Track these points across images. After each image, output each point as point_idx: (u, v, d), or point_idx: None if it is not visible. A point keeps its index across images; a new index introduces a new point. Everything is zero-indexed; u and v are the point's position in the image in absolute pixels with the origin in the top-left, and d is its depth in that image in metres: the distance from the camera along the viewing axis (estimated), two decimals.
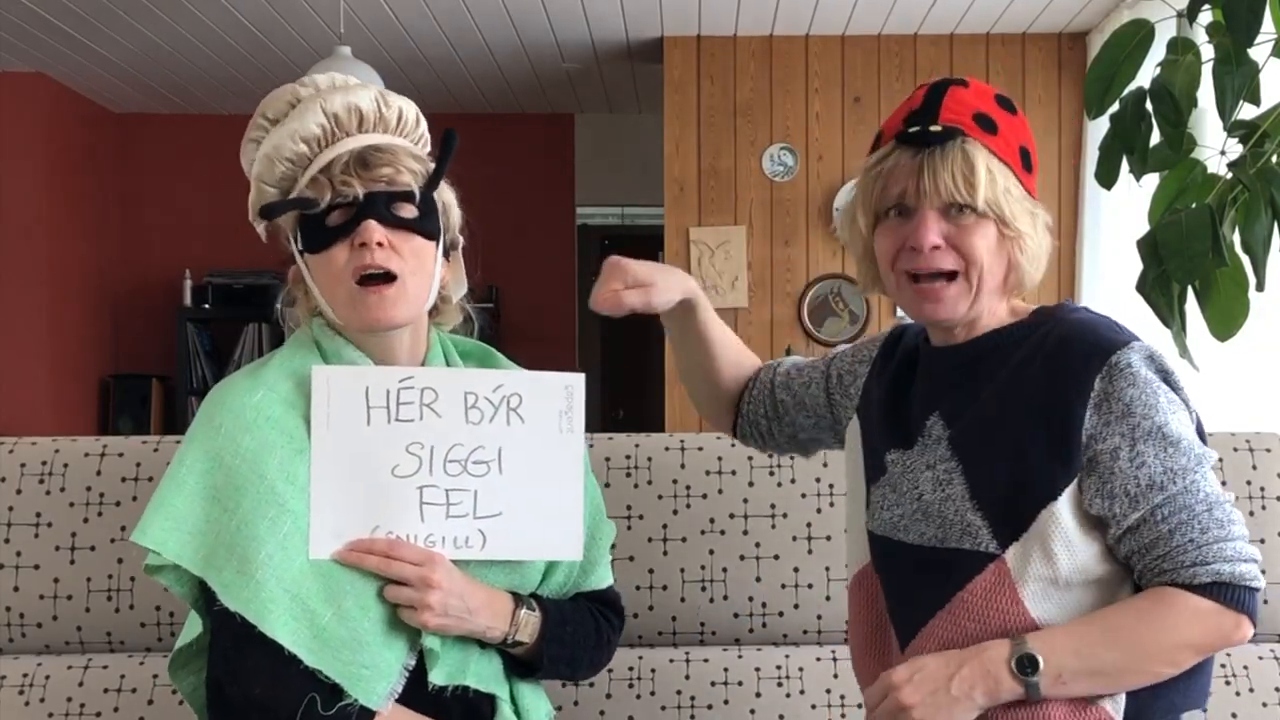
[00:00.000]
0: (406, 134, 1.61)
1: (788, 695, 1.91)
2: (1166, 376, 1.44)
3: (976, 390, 1.49)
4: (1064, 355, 1.43)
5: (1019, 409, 1.44)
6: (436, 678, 1.48)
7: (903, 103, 1.54)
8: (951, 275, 1.48)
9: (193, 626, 1.51)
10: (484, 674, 1.53)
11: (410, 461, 1.50)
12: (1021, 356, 1.47)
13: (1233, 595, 1.37)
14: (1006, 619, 1.41)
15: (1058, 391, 1.41)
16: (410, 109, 1.62)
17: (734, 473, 2.00)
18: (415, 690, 1.48)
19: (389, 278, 1.49)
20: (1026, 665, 1.37)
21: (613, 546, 1.73)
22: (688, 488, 1.99)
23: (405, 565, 1.46)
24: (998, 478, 1.43)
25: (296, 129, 1.51)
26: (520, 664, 1.58)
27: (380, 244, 1.47)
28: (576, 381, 1.56)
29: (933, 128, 1.47)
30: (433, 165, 1.56)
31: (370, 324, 1.50)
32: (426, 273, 1.53)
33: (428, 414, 1.51)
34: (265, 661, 1.41)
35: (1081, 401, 1.40)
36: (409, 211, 1.51)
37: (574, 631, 1.60)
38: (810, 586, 1.97)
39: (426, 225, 1.52)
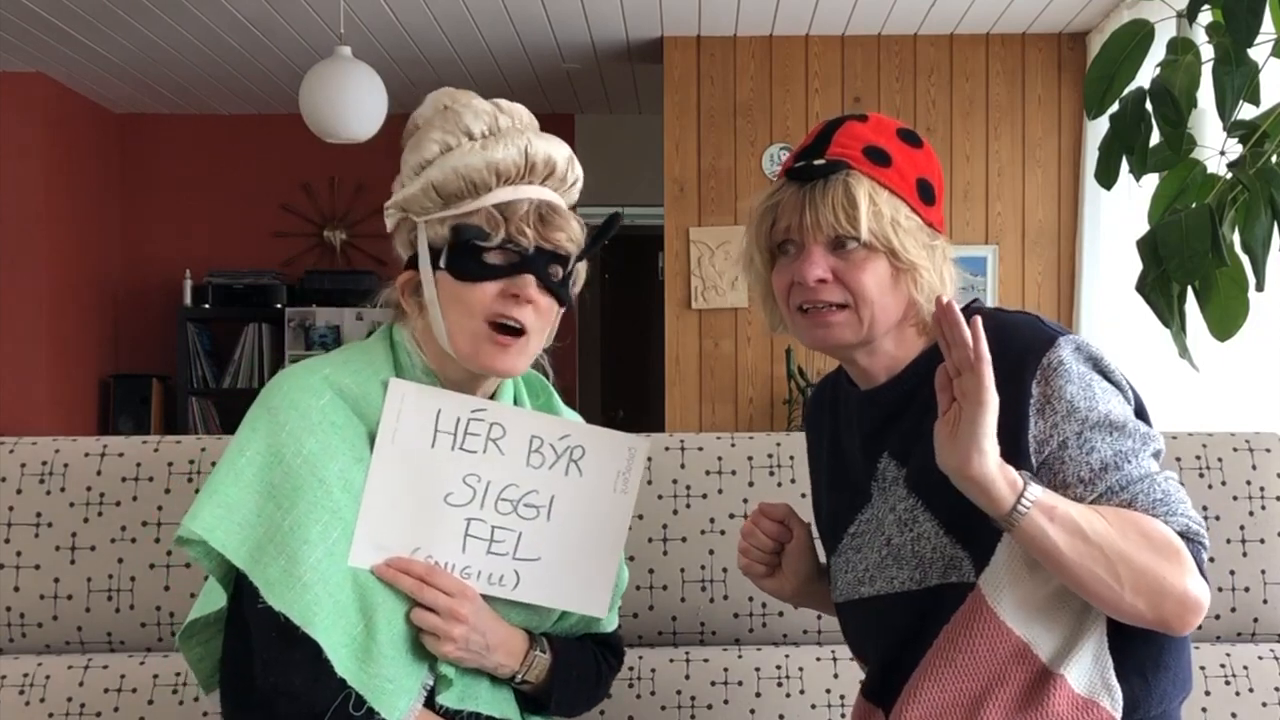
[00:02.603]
0: (569, 192, 1.64)
1: (788, 695, 1.91)
2: (1098, 363, 1.44)
3: (918, 422, 1.46)
4: (997, 364, 1.35)
5: None
6: (447, 700, 1.50)
7: (800, 142, 1.55)
8: (842, 305, 1.47)
9: (211, 599, 1.51)
10: (495, 700, 1.56)
11: (465, 492, 1.52)
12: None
13: (1195, 550, 1.36)
14: (994, 645, 1.40)
15: (1000, 402, 1.35)
16: (581, 175, 1.65)
17: (734, 473, 2.00)
18: (430, 707, 1.51)
19: (520, 332, 1.50)
20: (1027, 480, 1.33)
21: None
22: (688, 488, 1.99)
23: (438, 594, 1.48)
24: (959, 503, 1.38)
25: (495, 160, 1.49)
26: (526, 696, 1.61)
27: (530, 301, 1.49)
28: (640, 444, 1.59)
29: (816, 161, 1.47)
30: (584, 234, 1.59)
31: (487, 369, 1.51)
32: (546, 331, 1.56)
33: (491, 449, 1.53)
34: (307, 656, 1.42)
35: (1024, 408, 1.38)
36: (558, 275, 1.54)
37: (579, 676, 1.63)
38: None
39: (565, 291, 1.55)
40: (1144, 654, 1.43)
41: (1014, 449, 1.38)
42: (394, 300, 1.58)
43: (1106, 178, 1.91)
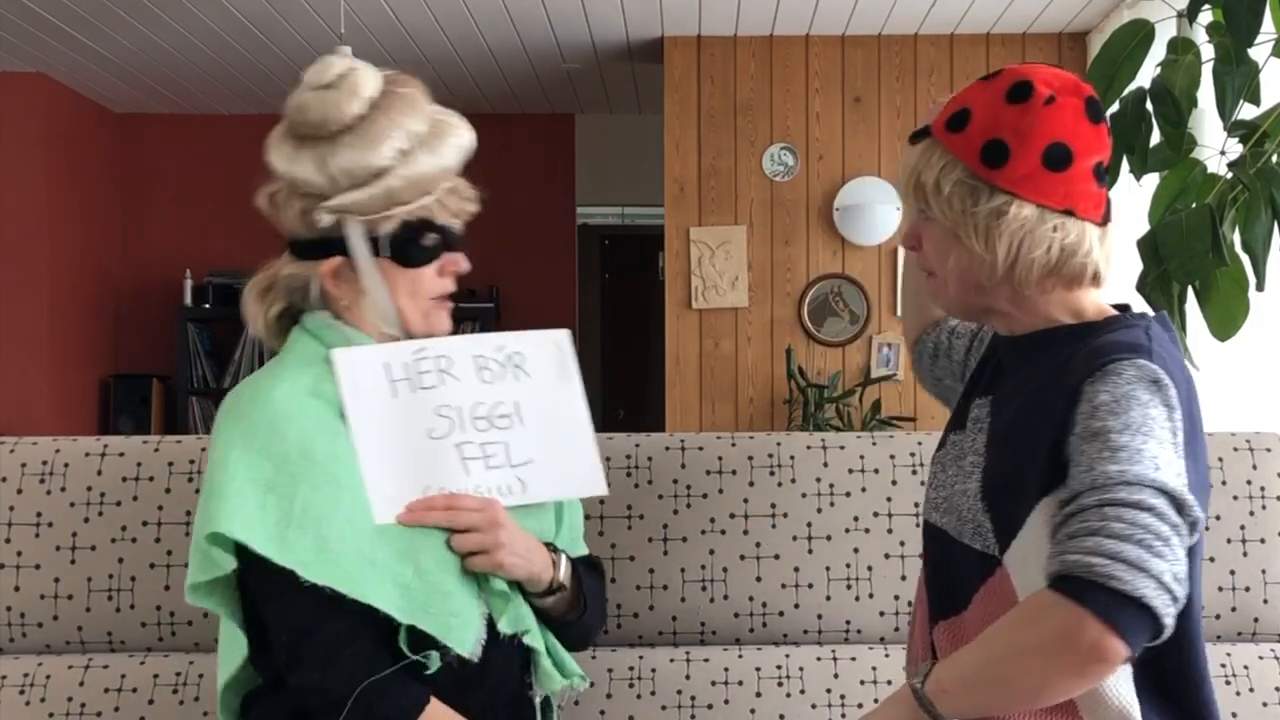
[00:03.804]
0: None
1: (788, 695, 1.91)
2: (1166, 403, 1.33)
3: (1021, 385, 1.47)
4: (1081, 363, 1.38)
5: (1035, 412, 1.42)
6: (504, 626, 1.54)
7: None
8: (931, 272, 1.53)
9: (233, 651, 1.52)
10: (533, 625, 1.59)
11: (443, 424, 1.58)
12: (1061, 361, 1.43)
13: (1072, 587, 1.22)
14: None
15: (1059, 396, 1.38)
16: None
17: (734, 473, 2.00)
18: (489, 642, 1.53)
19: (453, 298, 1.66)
20: (921, 672, 1.37)
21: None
22: (688, 488, 1.99)
23: (470, 513, 1.53)
24: (1005, 478, 1.42)
25: (446, 166, 1.60)
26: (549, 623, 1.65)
27: (460, 270, 1.64)
28: (563, 336, 1.68)
29: (919, 129, 1.52)
30: None
31: (433, 334, 1.63)
32: None
33: (447, 379, 1.60)
34: (327, 642, 1.46)
35: (1072, 406, 1.36)
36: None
37: (591, 585, 1.68)
38: (810, 586, 1.97)
39: None
40: (1170, 700, 1.41)
41: (1055, 449, 1.36)
42: (311, 287, 1.60)
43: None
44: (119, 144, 6.54)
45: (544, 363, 1.65)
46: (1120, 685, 1.38)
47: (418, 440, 1.56)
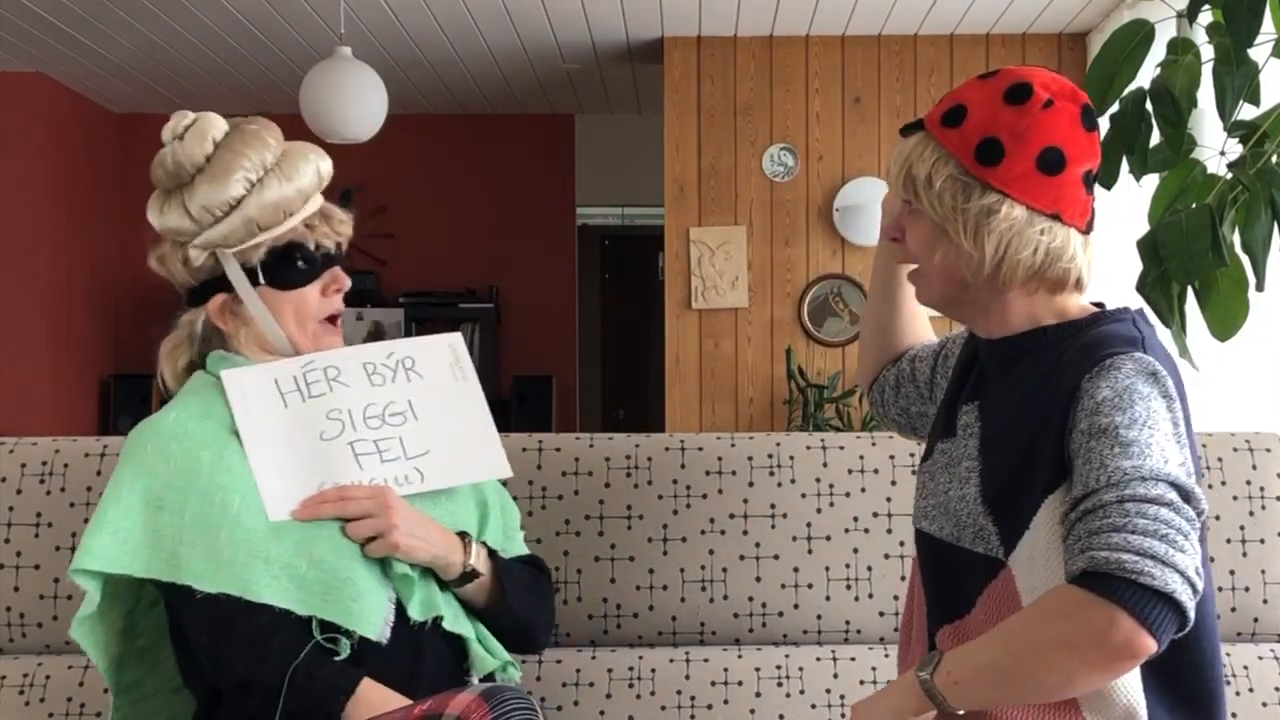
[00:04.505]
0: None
1: (788, 695, 1.91)
2: (1163, 390, 1.36)
3: (1012, 388, 1.47)
4: (1075, 358, 1.40)
5: (1033, 412, 1.42)
6: (414, 612, 1.56)
7: None
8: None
9: (88, 601, 1.54)
10: (453, 614, 1.61)
11: (334, 425, 1.63)
12: (1051, 360, 1.44)
13: (1104, 584, 1.23)
14: None
15: (1058, 394, 1.39)
16: None
17: (734, 473, 2.00)
18: (397, 632, 1.55)
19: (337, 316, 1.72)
20: (929, 662, 1.37)
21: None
22: (688, 488, 1.99)
23: (361, 500, 1.57)
24: (1006, 480, 1.42)
25: (304, 187, 1.66)
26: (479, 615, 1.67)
27: (342, 288, 1.71)
28: (456, 339, 1.74)
29: (911, 121, 1.52)
30: None
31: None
32: None
33: (336, 386, 1.65)
34: (248, 635, 1.49)
35: (1072, 403, 1.37)
36: (344, 256, 1.75)
37: (520, 576, 1.70)
38: (810, 586, 1.97)
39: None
40: (1179, 699, 1.41)
41: (1057, 447, 1.37)
42: (197, 328, 1.70)
43: (1107, 178, 1.91)
44: (119, 144, 6.54)
45: (436, 363, 1.70)
46: (1128, 681, 1.38)
47: (311, 443, 1.60)
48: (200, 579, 1.49)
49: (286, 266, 1.66)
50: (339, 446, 1.61)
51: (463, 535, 1.64)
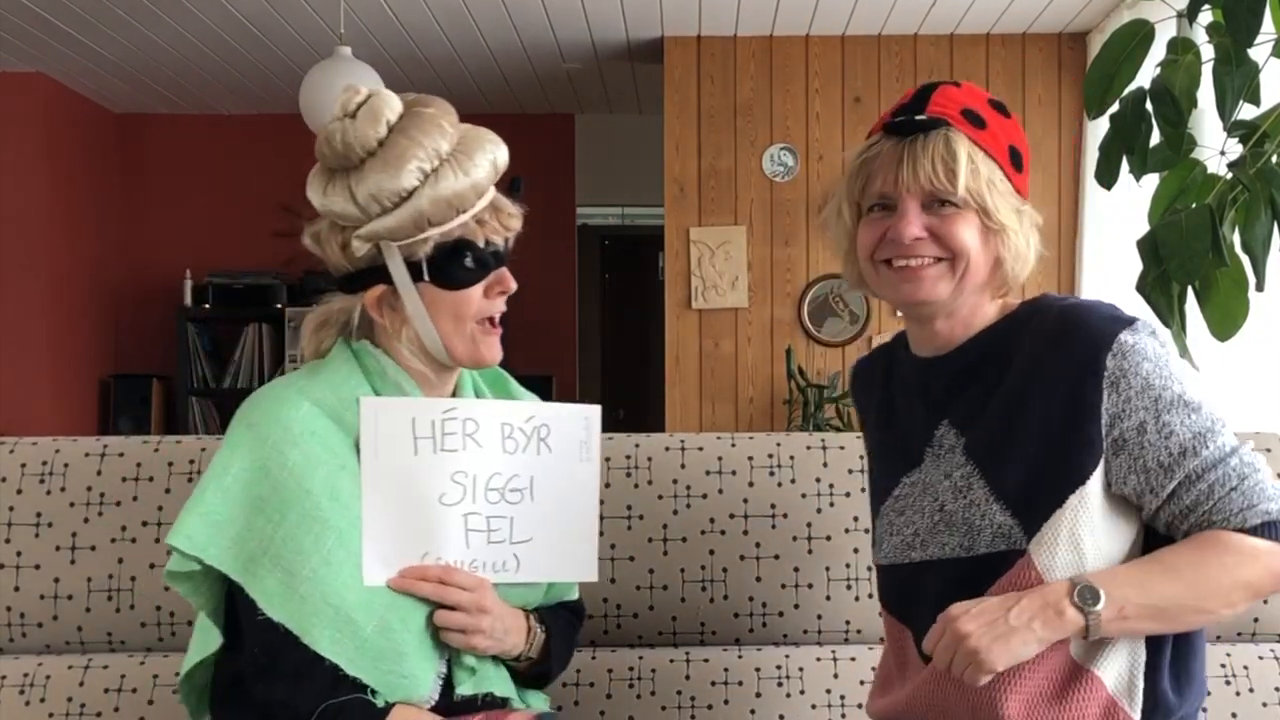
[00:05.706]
0: None
1: (788, 695, 1.91)
2: (1165, 342, 1.47)
3: (985, 393, 1.49)
4: (1070, 339, 1.43)
5: (1033, 400, 1.44)
6: (464, 689, 1.54)
7: (895, 102, 1.56)
8: (939, 258, 1.49)
9: (207, 639, 1.53)
10: (500, 679, 1.60)
11: (455, 490, 1.56)
12: (1025, 349, 1.47)
13: (1273, 531, 1.38)
14: None
15: (1071, 375, 1.42)
16: None
17: (734, 473, 2.00)
18: (441, 697, 1.54)
19: (502, 322, 1.62)
20: (1088, 596, 1.37)
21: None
22: (688, 488, 1.99)
23: (460, 592, 1.52)
24: (1019, 474, 1.44)
25: (479, 182, 1.55)
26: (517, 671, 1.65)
27: (507, 290, 1.61)
28: (594, 413, 1.67)
29: (918, 117, 1.48)
30: None
31: (482, 362, 1.60)
32: None
33: (470, 444, 1.57)
34: (296, 665, 1.46)
35: (1096, 382, 1.41)
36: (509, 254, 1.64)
37: (563, 645, 1.69)
38: (810, 586, 1.97)
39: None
40: (1173, 660, 1.46)
41: (1085, 427, 1.41)
42: (354, 318, 1.59)
43: (1106, 178, 1.91)
44: (119, 144, 6.54)
45: (568, 439, 1.64)
46: (1136, 647, 1.44)
47: (428, 504, 1.55)
48: (268, 601, 1.45)
49: (453, 265, 1.55)
50: (454, 516, 1.56)
51: (527, 614, 1.62)
